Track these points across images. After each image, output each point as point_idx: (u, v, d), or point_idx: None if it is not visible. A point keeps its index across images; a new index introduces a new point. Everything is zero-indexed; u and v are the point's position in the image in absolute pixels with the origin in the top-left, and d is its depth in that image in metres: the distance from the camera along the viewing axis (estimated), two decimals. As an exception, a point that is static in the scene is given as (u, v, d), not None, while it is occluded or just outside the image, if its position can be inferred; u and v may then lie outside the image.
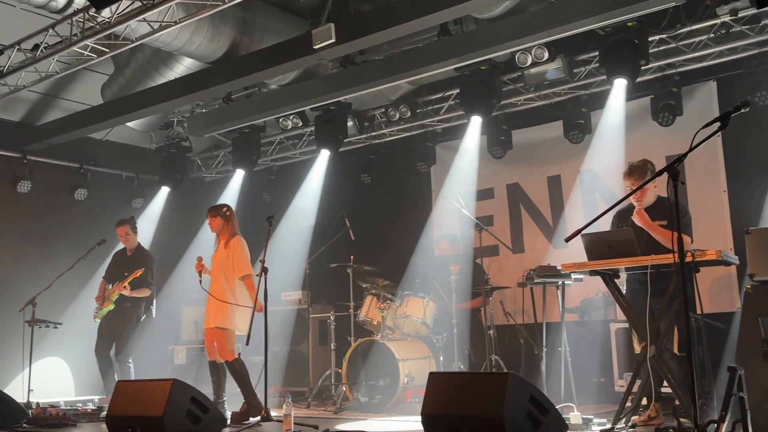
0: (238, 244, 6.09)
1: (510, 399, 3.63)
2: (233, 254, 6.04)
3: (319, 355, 8.15)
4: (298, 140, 8.94)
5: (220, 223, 6.14)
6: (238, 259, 6.00)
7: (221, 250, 6.17)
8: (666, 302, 4.51)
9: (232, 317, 5.96)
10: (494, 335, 6.54)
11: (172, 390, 4.31)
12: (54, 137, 8.12)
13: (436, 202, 8.22)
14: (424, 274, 7.20)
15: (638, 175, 4.88)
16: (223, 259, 6.08)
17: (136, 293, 6.83)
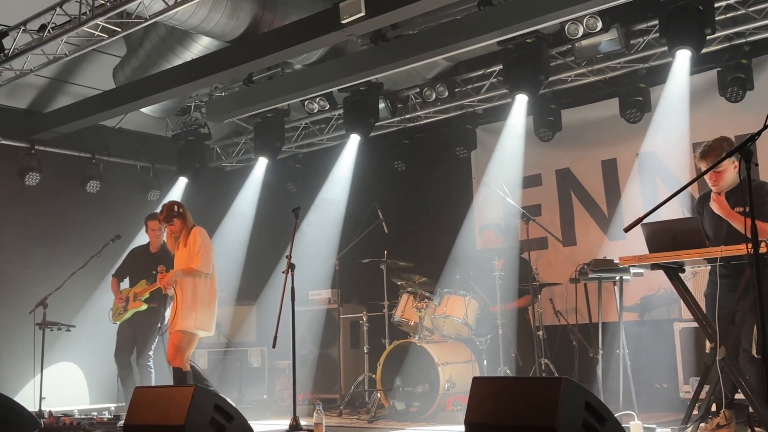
0: (198, 235, 6.03)
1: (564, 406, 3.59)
2: (192, 245, 6.00)
3: (351, 359, 8.18)
4: (326, 125, 8.96)
5: (180, 224, 6.10)
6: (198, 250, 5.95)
7: (181, 249, 6.10)
8: (737, 298, 4.42)
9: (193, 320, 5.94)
10: (543, 337, 6.50)
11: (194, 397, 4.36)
12: (63, 125, 8.26)
13: (478, 190, 8.19)
14: (465, 270, 7.19)
15: (714, 156, 4.61)
16: (186, 257, 6.03)
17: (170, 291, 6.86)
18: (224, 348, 8.69)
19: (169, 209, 6.13)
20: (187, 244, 6.06)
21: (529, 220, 6.79)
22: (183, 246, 6.09)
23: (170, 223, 6.09)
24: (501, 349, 6.45)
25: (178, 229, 6.11)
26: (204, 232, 6.14)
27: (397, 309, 7.05)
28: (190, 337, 5.96)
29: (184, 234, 6.12)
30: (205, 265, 5.99)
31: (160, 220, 6.18)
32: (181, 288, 6.00)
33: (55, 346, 7.78)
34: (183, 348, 5.93)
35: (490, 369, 6.54)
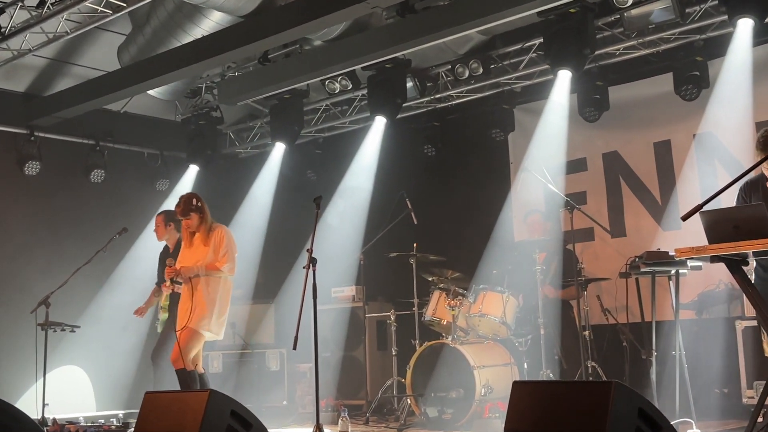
0: (225, 234, 6.09)
1: (614, 413, 3.55)
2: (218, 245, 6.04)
3: (378, 361, 8.19)
4: (348, 106, 8.95)
5: (197, 219, 6.14)
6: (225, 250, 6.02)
7: (198, 245, 6.13)
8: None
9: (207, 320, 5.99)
10: (590, 337, 6.47)
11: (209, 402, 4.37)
12: (65, 109, 8.33)
13: (516, 176, 8.14)
14: (502, 264, 7.17)
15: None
16: (204, 256, 6.06)
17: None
18: (240, 350, 8.74)
19: (186, 202, 6.17)
20: (209, 243, 6.10)
21: (574, 209, 6.73)
22: (202, 244, 6.12)
23: (187, 217, 6.13)
24: (543, 351, 6.42)
25: (194, 224, 6.15)
26: (230, 232, 6.22)
27: (427, 307, 7.05)
28: (199, 337, 6.02)
29: (203, 231, 6.16)
30: (230, 266, 6.07)
31: (177, 213, 6.21)
32: (198, 285, 6.05)
33: (58, 348, 7.87)
34: (190, 348, 5.98)
35: (531, 372, 6.51)
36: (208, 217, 6.20)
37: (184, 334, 5.98)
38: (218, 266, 6.03)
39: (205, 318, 5.99)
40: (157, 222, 7.18)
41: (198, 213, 6.15)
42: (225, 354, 8.76)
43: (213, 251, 6.08)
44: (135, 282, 8.24)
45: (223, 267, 6.03)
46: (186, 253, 6.20)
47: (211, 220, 6.20)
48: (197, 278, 6.05)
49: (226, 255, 6.05)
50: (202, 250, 6.12)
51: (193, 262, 6.10)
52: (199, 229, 6.16)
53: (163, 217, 7.17)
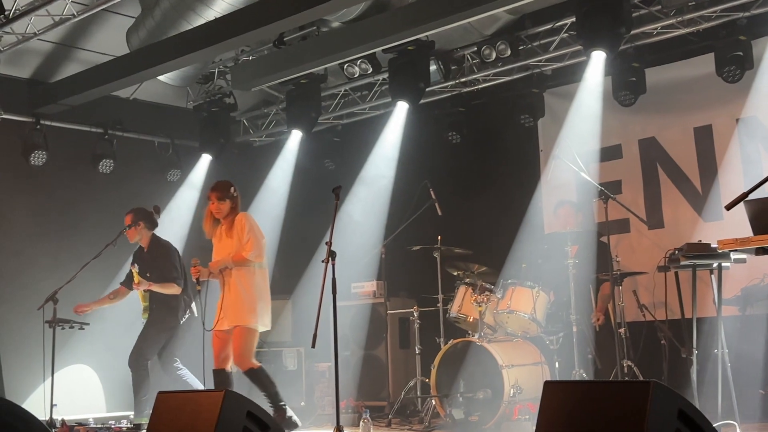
0: (246, 221, 6.16)
1: (653, 415, 3.53)
2: (240, 233, 6.12)
3: (401, 360, 8.20)
4: (368, 91, 8.95)
5: (228, 208, 6.23)
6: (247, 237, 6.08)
7: (225, 240, 6.22)
8: None
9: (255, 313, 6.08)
10: (626, 334, 6.44)
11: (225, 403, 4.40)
12: (72, 96, 8.39)
13: (546, 165, 8.11)
14: (532, 258, 7.15)
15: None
16: (233, 249, 6.14)
17: (159, 287, 6.98)
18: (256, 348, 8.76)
19: (225, 186, 6.28)
20: (232, 234, 6.18)
21: (608, 198, 6.69)
22: (227, 236, 6.20)
23: (222, 201, 6.21)
24: (576, 349, 6.41)
25: (224, 211, 6.22)
26: (251, 217, 6.29)
27: (453, 303, 7.05)
28: (254, 333, 6.11)
29: (228, 222, 6.22)
30: (257, 253, 6.12)
31: (213, 195, 6.25)
32: (231, 280, 6.12)
33: (66, 346, 7.94)
34: (250, 346, 6.09)
35: (563, 372, 6.50)
36: (238, 210, 6.27)
37: (238, 335, 6.05)
38: (244, 255, 6.09)
39: (251, 312, 6.07)
40: (126, 221, 7.23)
41: (232, 202, 6.24)
42: (240, 352, 8.81)
43: (237, 240, 6.15)
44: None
45: (249, 255, 6.09)
46: (217, 247, 6.30)
47: (237, 212, 6.28)
48: (228, 273, 6.09)
49: (249, 241, 6.11)
50: (228, 243, 6.20)
51: (222, 255, 6.18)
52: (225, 220, 6.23)
53: (131, 217, 7.22)
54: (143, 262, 7.18)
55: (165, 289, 6.99)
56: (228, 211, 6.23)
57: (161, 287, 6.97)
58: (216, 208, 6.25)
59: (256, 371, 6.09)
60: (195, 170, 9.51)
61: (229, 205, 6.23)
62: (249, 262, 6.10)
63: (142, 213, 7.26)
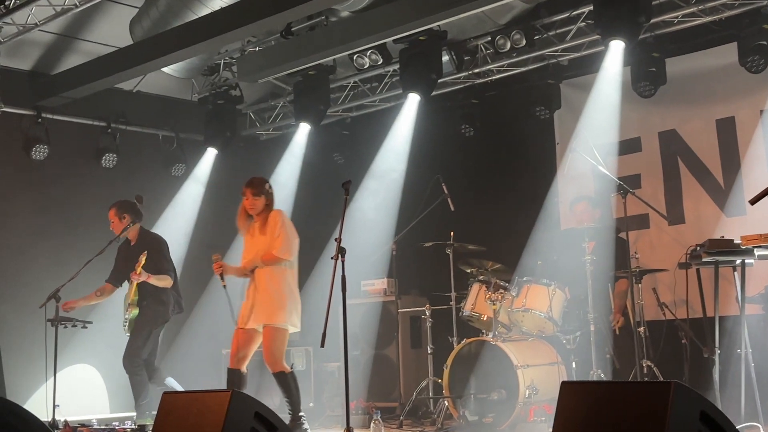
0: (279, 217, 6.18)
1: (674, 417, 3.52)
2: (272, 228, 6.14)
3: (412, 360, 8.20)
4: (378, 83, 8.93)
5: (262, 204, 6.25)
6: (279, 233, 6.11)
7: (257, 236, 6.25)
8: None
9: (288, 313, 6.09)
10: (645, 334, 6.43)
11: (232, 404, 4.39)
12: (74, 89, 8.40)
13: (563, 158, 8.08)
14: (548, 254, 7.14)
15: None
16: (265, 246, 6.16)
17: (156, 280, 6.99)
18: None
19: (261, 182, 6.31)
20: (265, 231, 6.19)
21: (627, 193, 6.66)
22: (260, 233, 6.22)
23: (257, 197, 6.22)
24: (593, 349, 6.39)
25: (259, 207, 6.23)
26: (285, 214, 6.29)
27: (466, 301, 7.05)
28: (285, 334, 6.12)
29: (262, 218, 6.24)
30: (286, 250, 6.13)
31: (251, 192, 6.25)
32: (261, 278, 6.13)
33: (69, 345, 7.97)
34: (280, 347, 6.09)
35: (580, 372, 6.49)
36: (272, 206, 6.30)
37: (268, 335, 6.06)
38: (274, 253, 6.10)
39: (281, 312, 6.07)
40: (110, 216, 7.25)
41: (267, 198, 6.26)
42: (247, 352, 8.81)
43: (269, 237, 6.17)
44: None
45: (278, 252, 6.10)
46: (248, 244, 6.32)
47: (271, 209, 6.30)
48: (258, 272, 6.14)
49: (280, 237, 6.13)
50: (260, 240, 6.21)
51: (254, 252, 6.19)
52: (259, 216, 6.25)
53: (115, 210, 7.24)
54: (131, 256, 7.15)
55: (160, 281, 6.99)
56: (262, 207, 6.24)
57: (157, 279, 6.98)
58: (250, 203, 6.26)
59: (287, 375, 6.11)
60: (200, 164, 9.51)
61: (263, 201, 6.25)
62: (279, 260, 6.12)
63: (126, 206, 7.27)
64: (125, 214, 7.18)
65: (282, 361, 6.11)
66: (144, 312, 7.04)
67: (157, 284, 6.99)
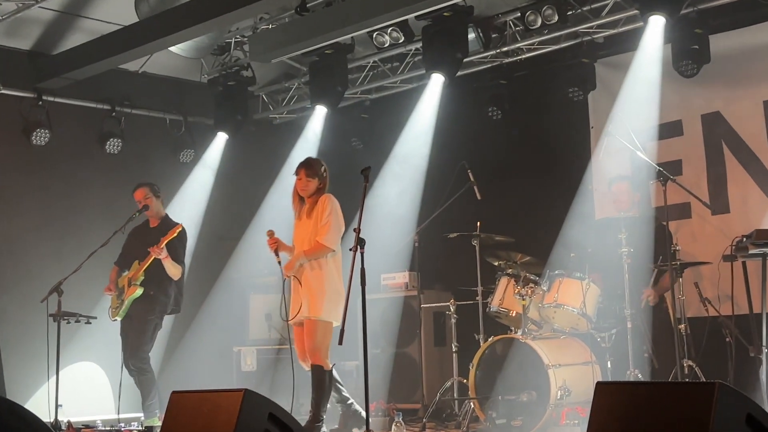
0: (328, 202, 6.24)
1: (718, 420, 3.50)
2: (320, 215, 6.20)
3: (436, 359, 8.21)
4: (400, 63, 8.91)
5: (315, 186, 6.32)
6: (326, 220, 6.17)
7: (304, 220, 6.29)
8: None
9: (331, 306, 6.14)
10: (687, 331, 6.42)
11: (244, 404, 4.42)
12: (76, 70, 8.44)
13: (598, 143, 8.04)
14: (581, 246, 7.12)
15: None
16: (311, 230, 6.21)
17: (171, 265, 7.05)
18: (277, 345, 8.83)
19: (318, 164, 6.40)
20: (312, 215, 6.26)
21: (667, 180, 6.64)
22: (307, 217, 6.29)
23: (311, 179, 6.29)
24: (630, 348, 6.39)
25: (310, 190, 6.30)
26: (335, 201, 6.35)
27: (493, 296, 7.06)
28: (325, 326, 6.18)
29: (312, 201, 6.31)
30: (332, 239, 6.20)
31: (305, 173, 6.31)
32: (305, 269, 6.22)
33: (72, 342, 8.02)
34: (324, 341, 6.17)
35: (615, 372, 6.50)
36: (325, 191, 6.37)
37: (309, 328, 6.14)
38: (319, 240, 6.17)
39: (322, 303, 6.14)
40: (143, 195, 7.36)
41: (320, 181, 6.33)
42: (260, 350, 8.87)
43: (315, 222, 6.24)
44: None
45: (324, 239, 6.17)
46: (297, 227, 6.41)
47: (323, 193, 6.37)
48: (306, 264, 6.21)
49: (327, 225, 6.20)
50: (306, 224, 6.30)
51: (304, 236, 6.27)
52: (309, 200, 6.32)
53: (144, 191, 7.39)
54: (150, 240, 7.21)
55: (173, 268, 7.09)
56: (314, 190, 6.32)
57: (172, 265, 7.09)
58: (303, 185, 6.34)
59: (324, 372, 6.15)
60: (210, 150, 9.54)
61: (316, 184, 6.32)
62: (323, 250, 6.18)
63: (154, 186, 7.38)
64: (159, 194, 7.30)
65: (323, 355, 6.16)
66: (149, 300, 7.10)
67: (169, 270, 7.07)
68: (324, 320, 6.17)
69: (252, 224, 9.18)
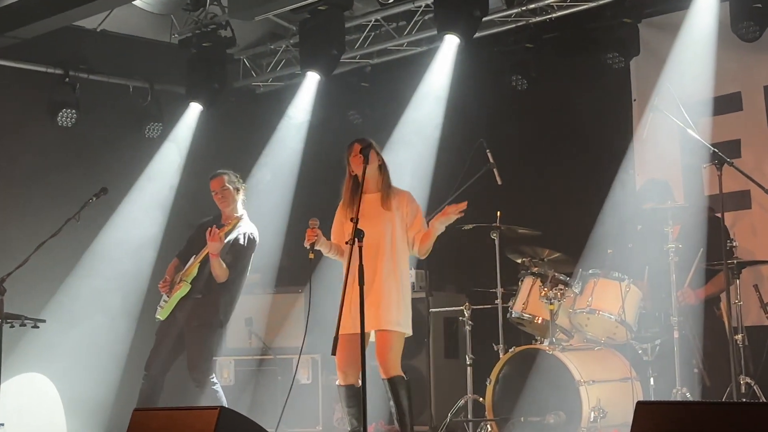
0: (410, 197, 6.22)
1: (781, 448, 3.52)
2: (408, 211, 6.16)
3: (447, 373, 8.23)
4: (407, 21, 8.90)
5: (377, 163, 6.20)
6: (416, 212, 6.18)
7: (376, 208, 6.20)
8: None
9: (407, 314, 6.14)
10: (744, 342, 6.40)
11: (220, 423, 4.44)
12: (22, 27, 8.42)
13: (642, 119, 8.05)
14: (620, 241, 7.15)
15: None
16: (387, 222, 6.14)
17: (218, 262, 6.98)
18: (259, 356, 8.84)
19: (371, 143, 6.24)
20: (389, 206, 6.15)
21: (723, 163, 6.63)
22: (381, 206, 6.16)
23: (367, 154, 6.12)
24: (677, 362, 6.40)
25: (373, 165, 6.16)
26: None
27: (516, 300, 7.07)
28: (401, 338, 6.17)
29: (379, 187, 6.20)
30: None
31: (357, 148, 6.20)
32: (379, 270, 6.11)
33: (16, 349, 8.01)
34: (399, 351, 6.16)
35: (659, 390, 6.52)
36: (389, 178, 6.28)
37: (388, 340, 6.10)
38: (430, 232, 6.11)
39: (400, 311, 6.12)
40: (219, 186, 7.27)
41: (378, 154, 6.23)
42: (238, 361, 8.87)
43: (401, 217, 6.15)
44: (119, 261, 8.36)
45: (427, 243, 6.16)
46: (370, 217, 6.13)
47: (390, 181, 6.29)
48: (378, 261, 6.10)
49: (419, 217, 6.20)
50: (383, 214, 6.16)
51: (378, 228, 6.11)
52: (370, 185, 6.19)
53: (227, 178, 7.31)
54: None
55: (219, 268, 6.96)
56: (378, 168, 6.21)
57: (219, 263, 6.95)
58: (355, 164, 6.18)
59: (404, 381, 6.15)
60: (180, 123, 9.53)
61: (378, 162, 6.22)
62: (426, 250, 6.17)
63: (235, 176, 7.33)
64: (241, 186, 7.29)
65: (399, 365, 6.14)
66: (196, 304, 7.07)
67: (214, 269, 6.97)
68: (402, 332, 6.14)
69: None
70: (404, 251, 6.18)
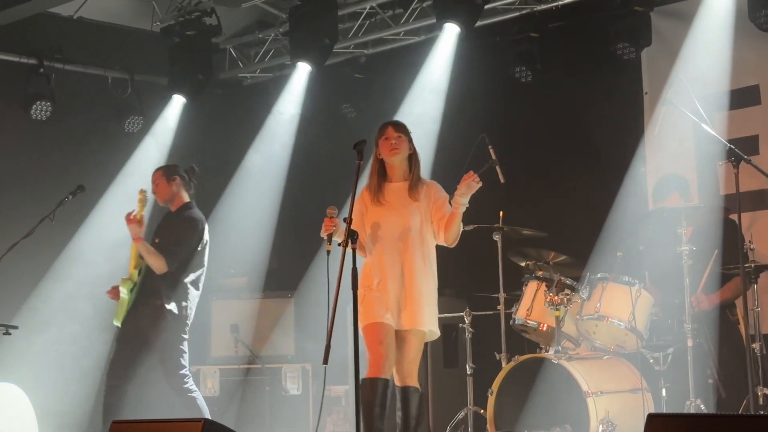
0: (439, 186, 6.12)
1: (801, 463, 3.53)
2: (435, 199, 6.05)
3: (446, 383, 8.24)
4: (404, 9, 8.92)
5: (406, 148, 6.09)
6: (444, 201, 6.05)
7: (403, 197, 6.09)
8: None
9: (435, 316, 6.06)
10: (762, 351, 6.40)
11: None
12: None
13: (653, 113, 8.06)
14: (630, 243, 7.15)
15: None
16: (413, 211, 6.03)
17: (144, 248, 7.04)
18: (246, 365, 8.83)
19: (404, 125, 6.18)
20: (416, 195, 6.03)
21: (740, 161, 6.63)
22: (408, 196, 6.04)
23: (402, 134, 6.08)
24: (691, 371, 6.37)
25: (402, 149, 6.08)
26: None
27: (519, 306, 7.07)
28: (424, 340, 6.07)
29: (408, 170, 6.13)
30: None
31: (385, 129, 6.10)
32: (410, 264, 6.00)
33: (-14, 357, 8.04)
34: (419, 356, 6.04)
35: (672, 402, 6.51)
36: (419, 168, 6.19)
37: (413, 341, 5.96)
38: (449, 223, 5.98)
39: (431, 312, 6.02)
40: (155, 178, 7.35)
41: (410, 141, 6.14)
42: (224, 370, 8.87)
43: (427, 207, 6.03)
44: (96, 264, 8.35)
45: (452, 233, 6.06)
46: (379, 211, 6.10)
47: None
48: (409, 254, 6.00)
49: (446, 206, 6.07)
50: (410, 205, 6.04)
51: (405, 218, 6.04)
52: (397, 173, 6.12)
53: (163, 171, 7.36)
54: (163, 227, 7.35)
55: (149, 255, 7.02)
56: (407, 151, 6.10)
57: (146, 251, 7.03)
58: (392, 146, 6.05)
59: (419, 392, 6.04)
60: (162, 117, 9.54)
61: (407, 145, 6.11)
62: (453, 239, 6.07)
63: (177, 169, 7.38)
64: (175, 177, 7.36)
65: (416, 374, 6.04)
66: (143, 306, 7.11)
67: (147, 258, 6.99)
68: (430, 331, 6.03)
69: (215, 211, 9.15)
70: (432, 243, 6.08)
